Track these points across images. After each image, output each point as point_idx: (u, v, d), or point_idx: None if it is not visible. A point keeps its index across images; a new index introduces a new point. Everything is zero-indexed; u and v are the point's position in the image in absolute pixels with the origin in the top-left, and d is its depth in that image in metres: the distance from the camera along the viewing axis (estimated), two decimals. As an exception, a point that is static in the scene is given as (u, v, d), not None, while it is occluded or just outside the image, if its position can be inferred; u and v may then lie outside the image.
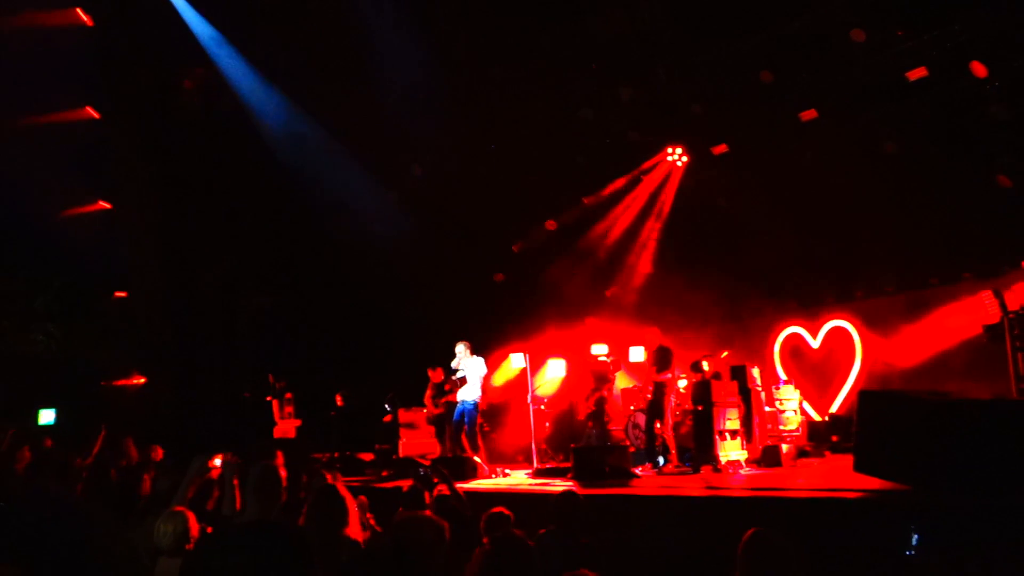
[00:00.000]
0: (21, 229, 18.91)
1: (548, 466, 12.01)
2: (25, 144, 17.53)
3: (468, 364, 12.39)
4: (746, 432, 11.33)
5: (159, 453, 10.36)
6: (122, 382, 18.81)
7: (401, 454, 13.64)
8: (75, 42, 16.96)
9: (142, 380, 18.67)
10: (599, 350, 13.69)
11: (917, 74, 12.00)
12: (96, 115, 17.82)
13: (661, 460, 11.09)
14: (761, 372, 12.69)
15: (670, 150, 15.69)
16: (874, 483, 7.42)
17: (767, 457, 10.95)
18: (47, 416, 16.87)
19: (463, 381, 13.18)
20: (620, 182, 16.33)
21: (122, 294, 19.05)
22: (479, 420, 12.64)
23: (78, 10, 16.74)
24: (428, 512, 4.75)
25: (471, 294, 16.44)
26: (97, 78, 17.65)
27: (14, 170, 17.53)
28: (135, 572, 4.66)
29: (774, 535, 3.73)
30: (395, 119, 16.26)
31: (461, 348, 12.47)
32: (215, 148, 17.63)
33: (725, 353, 13.17)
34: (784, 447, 11.11)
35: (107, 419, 9.68)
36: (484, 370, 12.42)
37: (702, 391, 11.02)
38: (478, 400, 12.27)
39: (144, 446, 10.29)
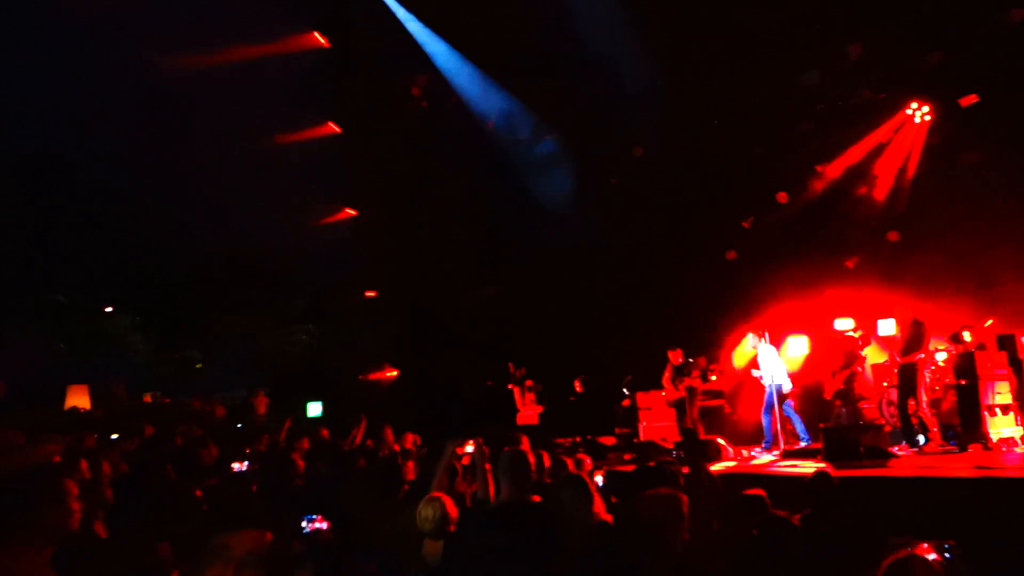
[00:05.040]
0: (281, 239, 20.75)
1: (796, 447, 11.59)
2: (279, 162, 19.20)
3: (763, 350, 12.31)
4: (1020, 407, 10.32)
5: (413, 440, 10.95)
6: (376, 375, 20.13)
7: (642, 438, 13.67)
8: (315, 63, 18.37)
9: (394, 373, 19.88)
10: (844, 325, 13.02)
11: None
12: (338, 129, 19.18)
13: (921, 439, 10.36)
14: (1034, 340, 11.49)
15: (913, 105, 14.58)
16: None
17: (1048, 434, 9.94)
18: (315, 409, 18.36)
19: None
20: (857, 145, 15.39)
21: (372, 293, 20.37)
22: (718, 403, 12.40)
23: (315, 33, 18.09)
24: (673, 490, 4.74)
25: (705, 273, 16.12)
26: (336, 94, 19.01)
27: (271, 187, 19.26)
28: (406, 546, 5.03)
29: (922, 561, 3.25)
30: (613, 104, 16.30)
31: (751, 337, 12.46)
32: (441, 149, 18.47)
33: (989, 321, 12.06)
34: (1068, 421, 10.03)
35: (365, 410, 10.44)
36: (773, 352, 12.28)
37: (965, 364, 10.19)
38: (779, 382, 12.08)
39: (399, 435, 10.94)
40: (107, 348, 24.22)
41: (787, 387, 12.10)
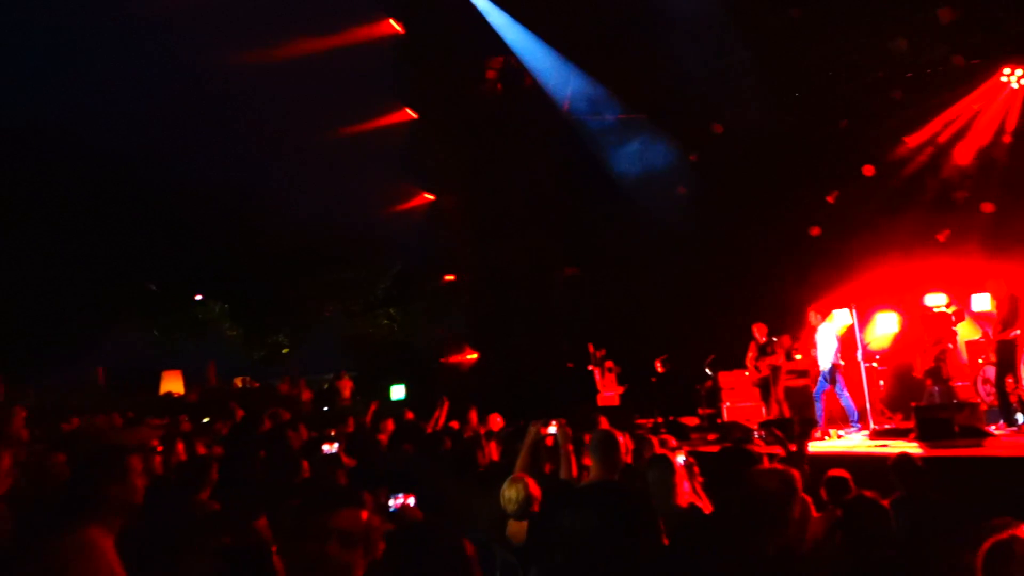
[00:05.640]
0: (362, 226, 21.11)
1: (887, 427, 11.30)
2: (358, 150, 19.49)
3: (824, 330, 12.13)
4: None
5: (498, 422, 11.00)
6: (456, 358, 20.33)
7: (726, 418, 13.49)
8: (390, 49, 18.56)
9: (474, 355, 20.03)
10: (935, 300, 12.59)
11: None
12: (414, 115, 19.34)
13: (1020, 417, 9.98)
14: None
15: (1006, 71, 13.96)
16: None
17: None
18: (398, 392, 18.67)
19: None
20: (947, 113, 14.81)
21: (450, 277, 20.55)
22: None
23: (390, 20, 18.25)
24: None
25: (787, 250, 15.78)
26: (411, 79, 19.18)
27: (351, 175, 19.58)
28: (491, 526, 5.08)
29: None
30: (692, 80, 16.06)
31: (812, 315, 12.28)
32: (518, 130, 18.44)
33: (1093, 294, 11.49)
34: None
35: (447, 392, 10.54)
36: (830, 332, 12.08)
37: (1067, 339, 9.74)
38: (827, 365, 11.92)
39: (482, 417, 11.02)
40: (198, 334, 25.07)
41: (824, 366, 11.88)
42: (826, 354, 11.95)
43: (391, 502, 4.65)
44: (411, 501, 4.65)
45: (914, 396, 12.00)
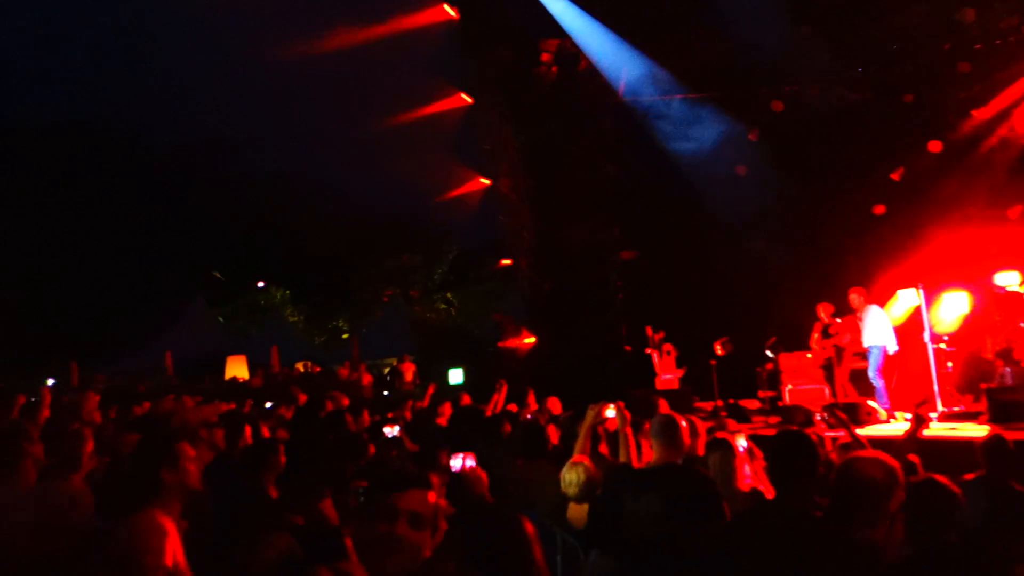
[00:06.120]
0: (419, 211, 21.24)
1: (955, 410, 11.04)
2: (414, 135, 19.60)
3: (867, 311, 12.01)
4: None
5: (558, 405, 11.02)
6: (514, 342, 20.39)
7: (788, 401, 13.29)
8: (444, 35, 18.61)
9: (532, 339, 20.06)
10: (1006, 279, 12.23)
11: None
12: (469, 100, 19.35)
13: (1097, 399, 9.66)
14: None
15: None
16: None
17: None
18: (456, 376, 18.79)
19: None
20: (1018, 85, 14.33)
21: (507, 261, 20.58)
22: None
23: (444, 5, 18.28)
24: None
25: (851, 229, 15.47)
26: (465, 64, 19.20)
27: (408, 160, 19.70)
28: (551, 509, 5.09)
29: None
30: (751, 56, 15.81)
31: (854, 296, 12.14)
32: (573, 113, 18.33)
33: None
34: None
35: (505, 376, 10.59)
36: (877, 315, 11.92)
37: None
38: (882, 345, 11.81)
39: (541, 400, 11.05)
40: (261, 320, 25.58)
41: (892, 349, 11.83)
42: (871, 336, 11.77)
43: (452, 462, 4.70)
44: (471, 462, 4.69)
45: (984, 378, 11.68)
